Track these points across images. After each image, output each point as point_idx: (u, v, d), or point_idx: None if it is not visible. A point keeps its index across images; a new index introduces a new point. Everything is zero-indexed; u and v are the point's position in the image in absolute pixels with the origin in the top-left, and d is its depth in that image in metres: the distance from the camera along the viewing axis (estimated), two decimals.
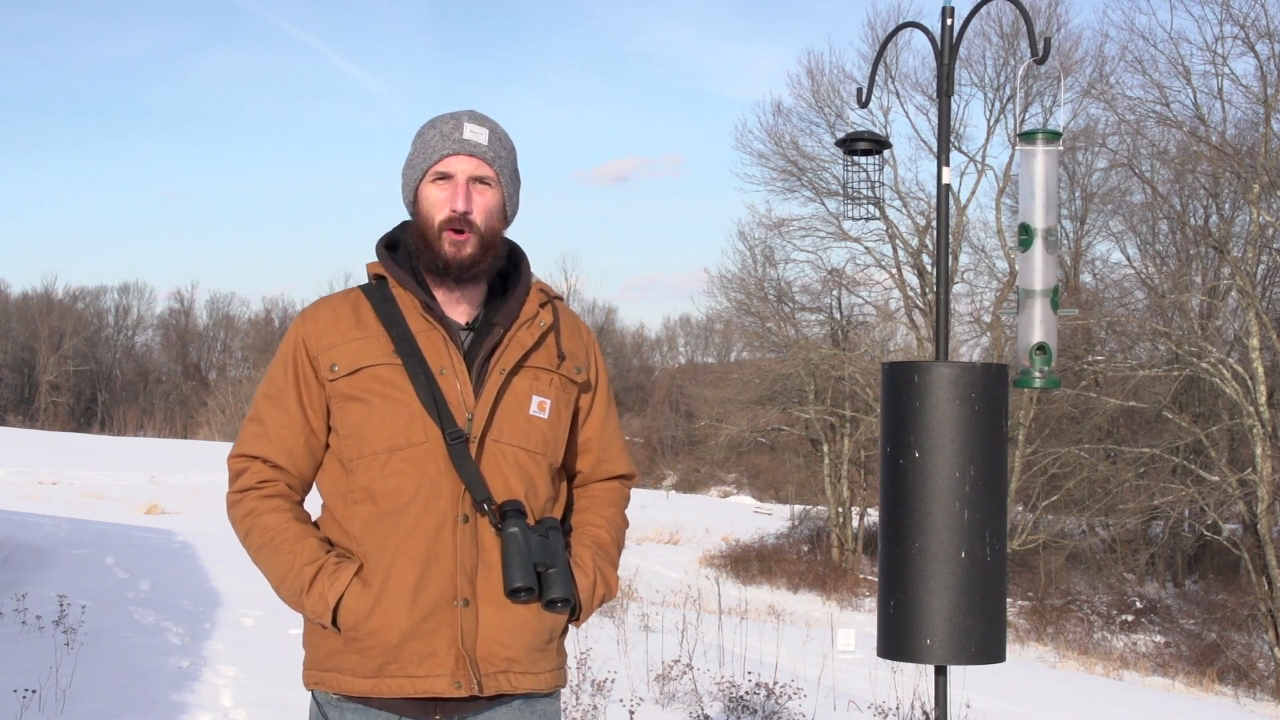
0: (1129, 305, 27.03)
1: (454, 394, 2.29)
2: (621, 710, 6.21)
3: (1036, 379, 2.97)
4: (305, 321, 2.38)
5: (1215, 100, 22.86)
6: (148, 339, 70.15)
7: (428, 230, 2.33)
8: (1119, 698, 13.02)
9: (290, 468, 2.35)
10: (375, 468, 2.28)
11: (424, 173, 2.34)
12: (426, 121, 2.40)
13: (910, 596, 2.77)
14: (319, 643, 2.31)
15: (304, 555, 2.26)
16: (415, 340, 2.31)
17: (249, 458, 2.36)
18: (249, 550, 2.34)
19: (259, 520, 2.31)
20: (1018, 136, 3.06)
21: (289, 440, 2.35)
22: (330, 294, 2.44)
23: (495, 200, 2.36)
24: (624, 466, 2.55)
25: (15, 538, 12.62)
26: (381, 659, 2.24)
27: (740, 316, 32.87)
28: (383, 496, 2.27)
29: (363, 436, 2.29)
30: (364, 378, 2.30)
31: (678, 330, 69.37)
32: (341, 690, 2.27)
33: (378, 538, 2.26)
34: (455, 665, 2.24)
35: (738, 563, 27.80)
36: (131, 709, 5.77)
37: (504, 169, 2.38)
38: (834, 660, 10.40)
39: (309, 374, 2.35)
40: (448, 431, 2.26)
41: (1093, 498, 25.99)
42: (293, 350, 2.36)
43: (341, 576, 2.24)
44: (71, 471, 29.97)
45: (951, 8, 3.09)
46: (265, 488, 2.34)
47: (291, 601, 2.28)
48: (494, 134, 2.38)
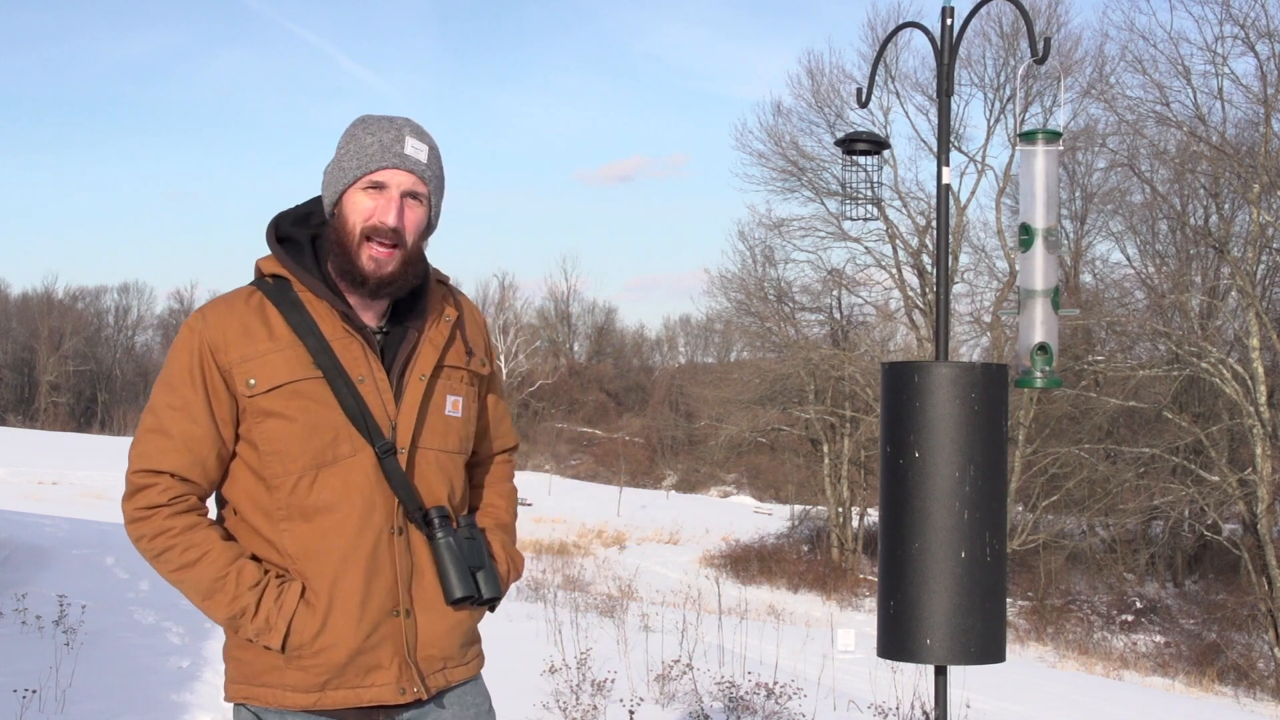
0: (1129, 305, 27.03)
1: (376, 404, 2.25)
2: (621, 710, 6.21)
3: (1038, 379, 2.97)
4: (208, 328, 2.24)
5: (1215, 100, 22.90)
6: (148, 339, 70.22)
7: (347, 237, 2.25)
8: (1119, 698, 13.01)
9: (201, 481, 2.25)
10: (303, 485, 2.21)
11: (357, 178, 2.26)
12: (358, 121, 2.32)
13: (910, 596, 2.77)
14: (253, 659, 2.24)
15: (245, 578, 2.19)
16: (332, 350, 2.24)
17: (155, 473, 2.22)
18: (162, 568, 2.22)
19: (180, 538, 2.21)
20: (1018, 136, 3.05)
21: (200, 453, 2.23)
22: (225, 294, 2.31)
23: (423, 217, 2.31)
24: (512, 439, 2.61)
25: (15, 538, 12.62)
26: (326, 675, 2.22)
27: (740, 316, 32.91)
28: (315, 514, 2.21)
29: (287, 454, 2.21)
30: (285, 394, 2.21)
31: (678, 330, 69.46)
32: (281, 705, 2.22)
33: (315, 556, 2.21)
34: (400, 673, 2.25)
35: (738, 563, 27.81)
36: (131, 709, 5.77)
37: (435, 187, 2.34)
38: (834, 660, 10.40)
39: (219, 385, 2.23)
40: (377, 444, 2.22)
41: (1093, 498, 25.99)
42: (198, 359, 2.23)
43: (287, 601, 2.19)
44: (71, 471, 29.99)
45: (951, 8, 3.09)
46: (177, 504, 2.23)
47: (226, 624, 2.21)
48: (432, 150, 2.32)
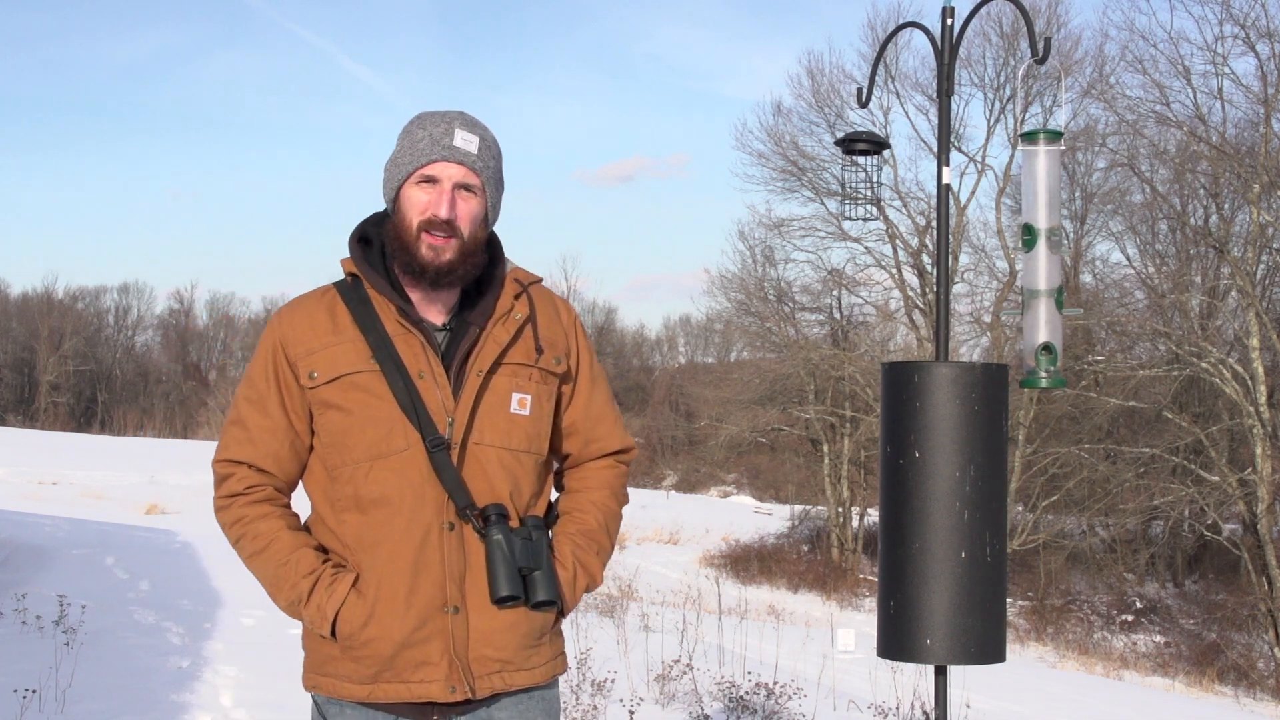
0: (1129, 305, 27.02)
1: (433, 399, 2.27)
2: (621, 710, 6.21)
3: (1042, 379, 2.97)
4: (281, 324, 2.34)
5: (1215, 100, 22.89)
6: (148, 339, 70.24)
7: (405, 232, 2.30)
8: (1119, 698, 13.01)
9: (276, 471, 2.34)
10: (359, 476, 2.27)
11: (410, 173, 2.31)
12: (414, 118, 2.36)
13: (910, 596, 2.77)
14: (316, 647, 2.32)
15: (301, 566, 2.26)
16: (393, 345, 2.28)
17: (234, 463, 2.34)
18: (240, 554, 2.35)
19: (249, 527, 2.31)
20: (1019, 136, 3.05)
21: (273, 445, 2.33)
22: (305, 293, 2.41)
23: (478, 208, 2.33)
24: (616, 442, 2.52)
25: (15, 538, 12.62)
26: (376, 667, 2.25)
27: (740, 316, 32.87)
28: (369, 505, 2.27)
29: (344, 445, 2.28)
30: (343, 385, 2.28)
31: (678, 330, 69.39)
32: (338, 695, 2.29)
33: (368, 547, 2.26)
34: (449, 671, 2.26)
35: (738, 563, 27.79)
36: (131, 709, 5.77)
37: (490, 178, 2.35)
38: (834, 660, 10.40)
39: (289, 378, 2.32)
40: (428, 438, 2.25)
41: (1093, 498, 25.98)
42: (271, 354, 2.33)
43: (338, 589, 2.24)
44: (71, 471, 29.97)
45: (951, 8, 3.09)
46: (253, 493, 2.33)
47: (288, 610, 2.29)
48: (483, 141, 2.34)
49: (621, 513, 2.51)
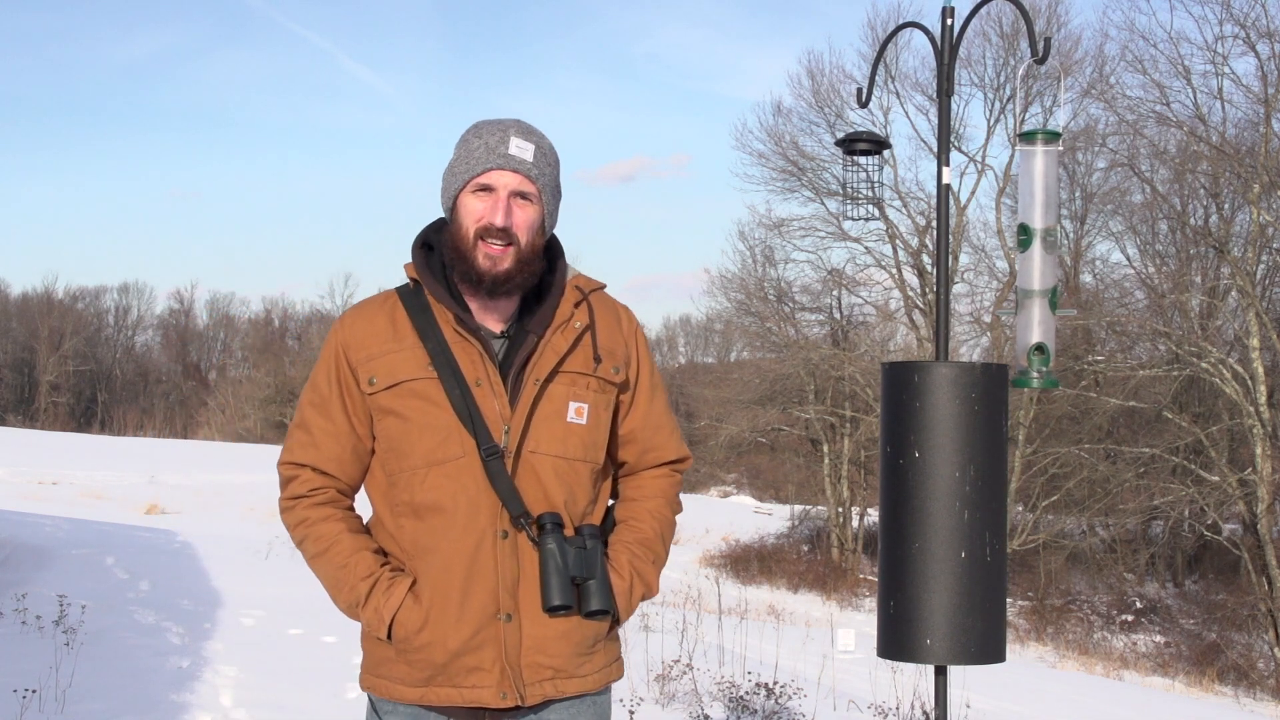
0: (1129, 305, 27.01)
1: (490, 407, 2.28)
2: (621, 710, 6.20)
3: (1034, 379, 2.98)
4: (344, 329, 2.39)
5: (1215, 100, 22.89)
6: (148, 339, 70.17)
7: (462, 240, 2.31)
8: (1119, 698, 13.01)
9: (339, 474, 2.38)
10: (415, 482, 2.30)
11: (465, 182, 2.32)
12: (471, 127, 2.37)
13: (910, 596, 2.77)
14: (373, 649, 2.36)
15: (360, 569, 2.30)
16: (450, 352, 2.30)
17: (298, 465, 2.39)
18: (304, 555, 2.39)
19: (312, 529, 2.35)
20: (1018, 136, 3.06)
21: (335, 448, 2.37)
22: (369, 297, 2.45)
23: (535, 216, 2.34)
24: (672, 452, 2.52)
25: (15, 538, 12.62)
26: (430, 671, 2.29)
27: (740, 316, 32.86)
28: (425, 511, 2.29)
29: (401, 451, 2.31)
30: (401, 392, 2.31)
31: (678, 330, 69.32)
32: (393, 697, 2.33)
33: (423, 553, 2.29)
34: (501, 678, 2.27)
35: (738, 563, 27.78)
36: (131, 709, 5.77)
37: (546, 185, 2.35)
38: (834, 660, 10.40)
39: (350, 382, 2.36)
40: (483, 446, 2.26)
41: (1093, 498, 25.98)
42: (334, 358, 2.38)
43: (396, 592, 2.28)
44: (71, 471, 29.96)
45: (951, 8, 3.09)
46: (316, 495, 2.37)
47: (348, 612, 2.33)
48: (539, 149, 2.34)
49: (676, 521, 2.51)
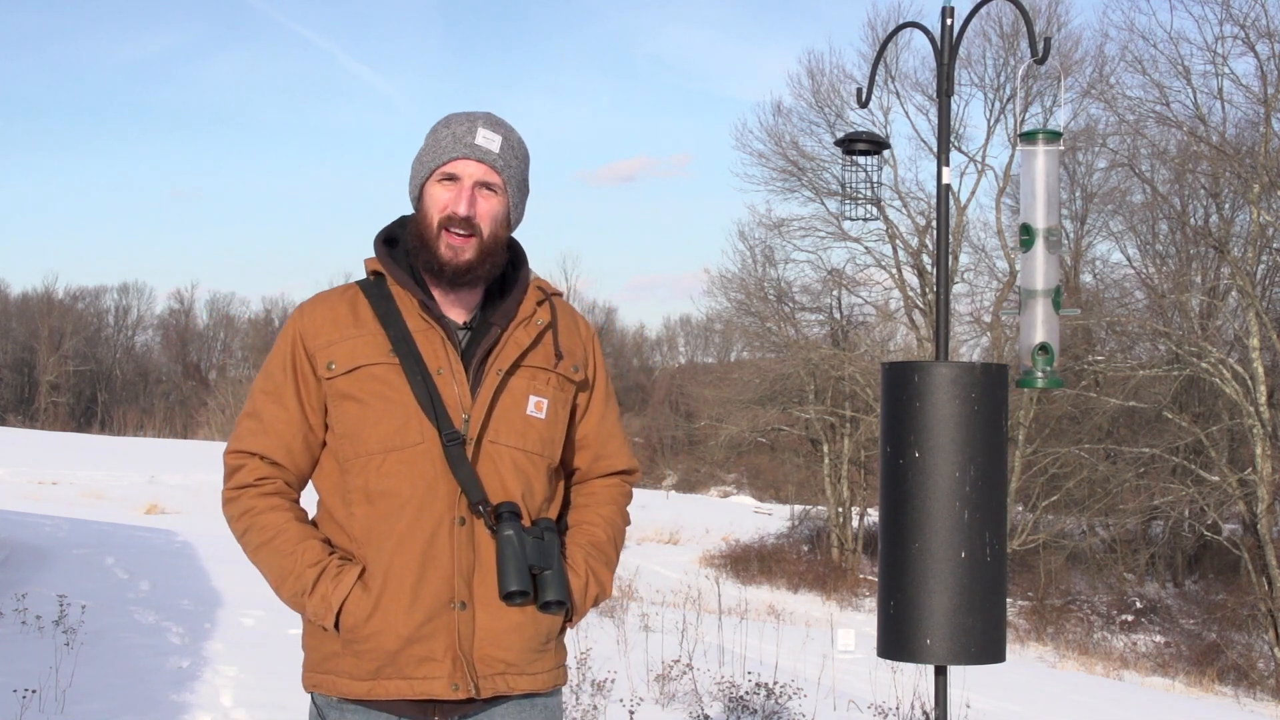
0: (1129, 305, 27.02)
1: (451, 395, 2.28)
2: (621, 710, 6.21)
3: (1039, 379, 2.97)
4: (303, 317, 2.36)
5: (1215, 100, 22.90)
6: (148, 339, 70.19)
7: (427, 229, 2.32)
8: (1119, 697, 13.01)
9: (288, 464, 2.34)
10: (371, 468, 2.27)
11: (431, 171, 2.34)
12: (442, 118, 2.39)
13: (910, 596, 2.77)
14: (317, 645, 2.31)
15: (307, 557, 2.26)
16: (413, 339, 2.30)
17: (246, 454, 2.34)
18: (245, 548, 2.34)
19: (257, 519, 2.30)
20: (1018, 136, 3.06)
21: (287, 437, 2.33)
22: (329, 289, 2.43)
23: (500, 207, 2.35)
24: (623, 462, 2.54)
25: (15, 538, 12.62)
26: (379, 662, 2.24)
27: (740, 316, 32.86)
28: (379, 498, 2.27)
29: (358, 436, 2.29)
30: (361, 377, 2.29)
31: (678, 330, 69.35)
32: (339, 693, 2.27)
33: (376, 540, 2.26)
34: (453, 668, 2.24)
35: (738, 563, 27.79)
36: (131, 709, 5.77)
37: (512, 177, 2.37)
38: (834, 660, 10.40)
39: (307, 370, 2.33)
40: (444, 432, 2.25)
41: (1093, 498, 25.98)
42: (290, 346, 2.35)
43: (344, 580, 2.24)
44: (71, 471, 29.94)
45: (951, 8, 3.09)
46: (263, 485, 2.33)
47: (292, 602, 2.27)
48: (507, 141, 2.36)
49: (625, 531, 2.52)
